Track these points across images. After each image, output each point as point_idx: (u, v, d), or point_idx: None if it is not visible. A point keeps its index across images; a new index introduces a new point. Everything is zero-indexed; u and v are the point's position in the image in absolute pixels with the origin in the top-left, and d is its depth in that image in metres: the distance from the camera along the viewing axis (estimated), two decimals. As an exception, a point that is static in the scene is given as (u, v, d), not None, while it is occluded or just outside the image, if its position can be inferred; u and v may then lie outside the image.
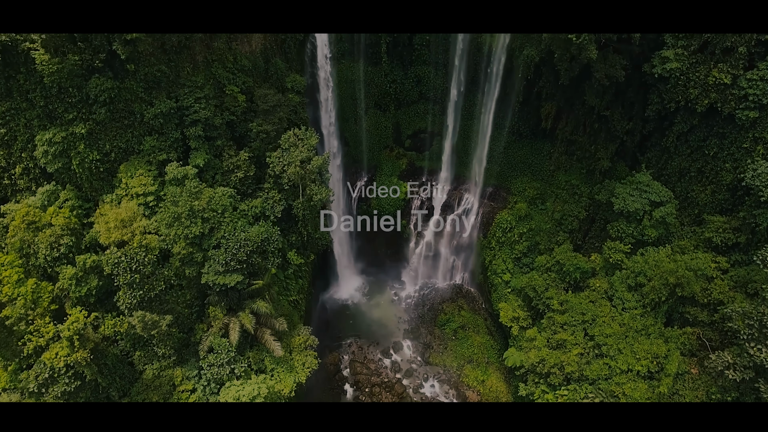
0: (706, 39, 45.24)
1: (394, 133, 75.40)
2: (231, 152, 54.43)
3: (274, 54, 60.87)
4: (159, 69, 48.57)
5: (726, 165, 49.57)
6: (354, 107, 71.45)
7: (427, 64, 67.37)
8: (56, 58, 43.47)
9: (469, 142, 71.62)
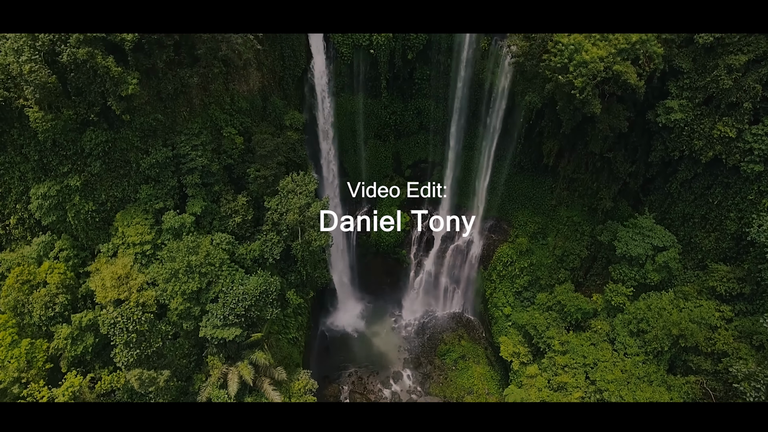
0: (711, 93, 44.46)
1: (394, 163, 74.63)
2: (229, 197, 53.74)
3: (272, 91, 60.02)
4: (155, 118, 47.79)
5: (730, 214, 48.89)
6: (353, 138, 70.65)
7: (427, 98, 66.49)
8: (50, 114, 42.67)
9: (470, 173, 70.85)
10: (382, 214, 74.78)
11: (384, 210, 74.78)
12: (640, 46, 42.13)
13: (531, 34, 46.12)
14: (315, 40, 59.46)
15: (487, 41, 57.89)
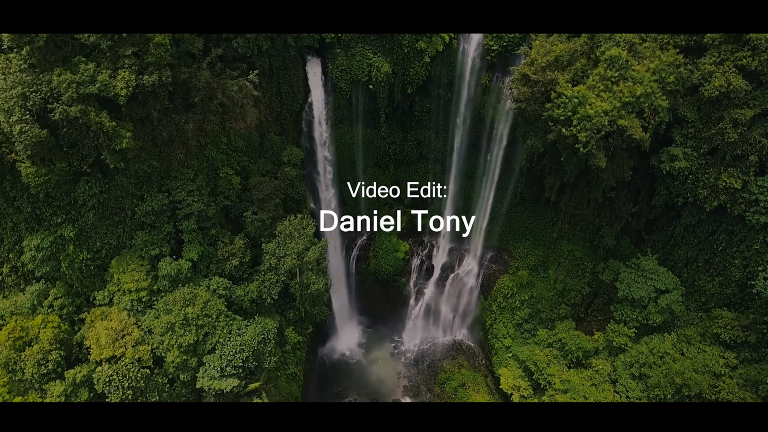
0: (716, 145, 43.66)
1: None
2: (226, 239, 52.95)
3: (270, 127, 59.12)
4: (150, 164, 46.96)
5: (735, 261, 48.22)
6: (352, 168, 69.75)
7: (427, 129, 65.59)
8: (43, 169, 41.75)
9: (471, 202, 70.06)
10: (381, 242, 74.02)
11: (384, 237, 73.96)
12: (645, 99, 41.27)
13: (532, 79, 45.16)
14: (313, 75, 58.45)
15: (488, 77, 56.97)
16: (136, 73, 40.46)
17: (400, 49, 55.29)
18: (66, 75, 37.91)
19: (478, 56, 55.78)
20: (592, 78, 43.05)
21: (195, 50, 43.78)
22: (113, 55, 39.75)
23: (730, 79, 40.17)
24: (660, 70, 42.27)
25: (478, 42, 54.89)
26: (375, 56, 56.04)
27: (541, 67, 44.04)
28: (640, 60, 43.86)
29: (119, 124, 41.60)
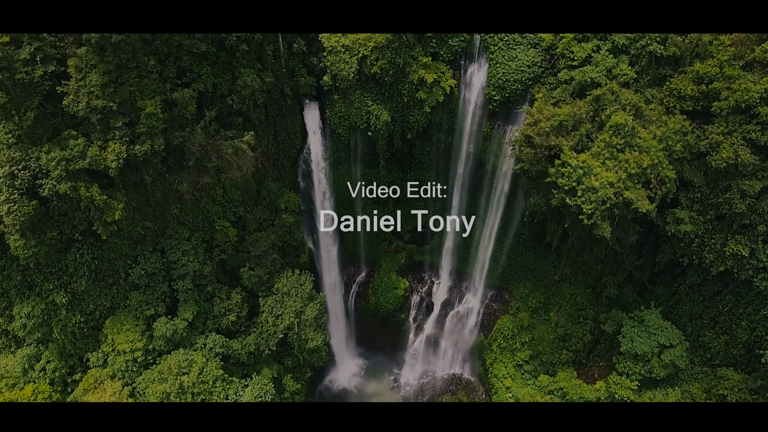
0: (723, 212, 42.59)
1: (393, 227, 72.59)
2: (222, 295, 52.01)
3: (267, 173, 58.02)
4: (143, 226, 45.96)
5: (742, 323, 47.35)
6: (351, 207, 68.57)
7: (427, 170, 64.40)
8: (32, 240, 40.71)
9: (471, 240, 69.03)
10: (381, 279, 73.14)
11: (383, 274, 73.08)
12: (651, 170, 40.16)
13: (535, 142, 44.01)
14: (310, 120, 57.23)
15: (490, 125, 55.79)
16: (127, 143, 39.36)
17: (399, 98, 54.03)
18: (55, 152, 36.79)
19: (479, 104, 54.52)
20: (597, 144, 41.90)
21: (188, 114, 42.54)
22: (104, 126, 38.58)
23: (739, 151, 39.06)
24: (666, 137, 41.16)
25: (479, 90, 53.61)
26: (374, 104, 54.78)
27: (545, 131, 42.86)
28: (645, 124, 42.74)
29: (111, 194, 40.55)
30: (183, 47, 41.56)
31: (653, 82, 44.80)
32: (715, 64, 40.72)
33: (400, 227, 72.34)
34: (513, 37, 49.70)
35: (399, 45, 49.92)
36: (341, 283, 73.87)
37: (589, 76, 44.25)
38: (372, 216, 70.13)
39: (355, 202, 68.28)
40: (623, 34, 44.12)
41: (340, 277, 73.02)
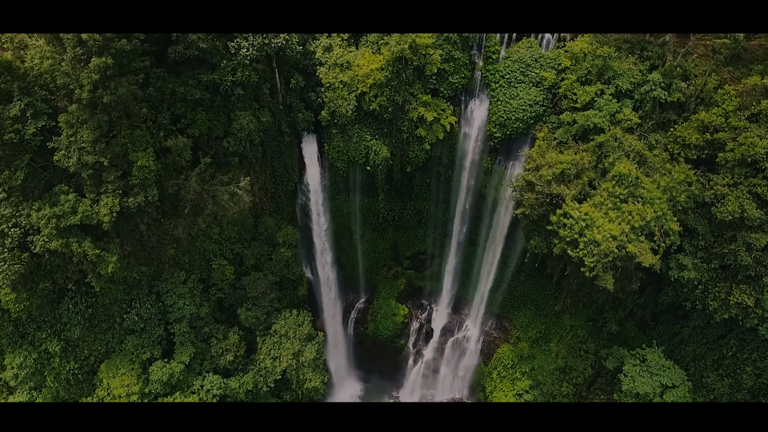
0: (727, 263, 41.83)
1: (392, 252, 71.94)
2: (219, 335, 51.38)
3: (264, 206, 57.20)
4: (139, 271, 45.20)
5: (747, 368, 46.72)
6: (349, 235, 67.87)
7: (427, 200, 63.55)
8: (24, 293, 40.00)
9: (471, 267, 68.35)
10: (380, 306, 72.47)
11: (382, 301, 72.38)
12: (655, 223, 39.38)
13: (537, 188, 43.21)
14: (308, 152, 56.35)
15: (491, 161, 54.94)
16: (120, 196, 38.53)
17: (398, 134, 53.10)
18: (45, 209, 36.01)
19: (480, 140, 53.66)
20: (600, 193, 41.11)
21: (183, 161, 41.71)
22: (96, 180, 37.77)
23: (744, 205, 38.25)
24: (671, 188, 40.37)
25: (480, 126, 52.74)
26: (373, 139, 53.87)
27: (547, 180, 42.05)
28: (649, 172, 41.95)
29: (104, 246, 39.79)
30: (177, 94, 40.72)
31: (657, 126, 43.95)
32: (720, 113, 39.86)
33: (400, 253, 71.82)
34: (515, 75, 48.75)
35: (398, 83, 48.98)
36: (340, 308, 73.24)
37: (592, 121, 43.39)
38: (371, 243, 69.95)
39: (353, 232, 67.66)
40: (627, 79, 43.24)
41: (339, 303, 72.39)
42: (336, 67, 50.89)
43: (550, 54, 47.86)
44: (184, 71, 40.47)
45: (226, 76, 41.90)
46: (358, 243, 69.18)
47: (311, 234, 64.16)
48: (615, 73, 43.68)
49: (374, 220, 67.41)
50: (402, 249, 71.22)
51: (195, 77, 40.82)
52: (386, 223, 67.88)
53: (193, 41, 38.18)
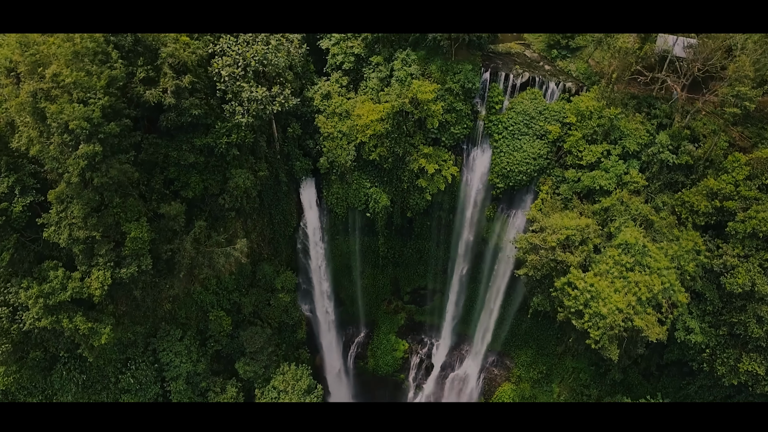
0: (737, 332, 40.80)
1: (392, 287, 70.96)
2: (217, 389, 50.51)
3: (262, 252, 56.12)
4: (134, 331, 44.24)
5: (754, 430, 45.66)
6: (349, 272, 66.82)
7: (428, 241, 62.47)
8: (13, 366, 39.04)
9: (473, 304, 67.39)
10: (380, 341, 71.64)
11: (382, 336, 71.53)
12: (663, 295, 38.31)
13: (540, 253, 42.08)
14: (307, 196, 55.18)
15: (493, 208, 53.79)
16: (112, 268, 37.41)
17: (399, 184, 51.93)
18: (33, 288, 34.94)
19: (482, 188, 52.46)
20: (606, 260, 40.00)
21: (177, 226, 40.59)
22: (87, 254, 36.70)
23: (756, 280, 37.24)
24: (679, 256, 39.28)
25: (482, 174, 51.53)
26: (372, 186, 52.70)
27: (551, 246, 40.91)
28: (656, 236, 40.83)
29: (96, 317, 38.77)
30: (170, 158, 39.53)
31: (664, 187, 42.75)
32: (730, 180, 38.66)
33: (400, 288, 70.87)
34: (518, 127, 47.49)
35: (399, 135, 47.75)
36: (340, 344, 72.35)
37: (598, 183, 42.22)
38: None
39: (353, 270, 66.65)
40: (634, 140, 42.00)
41: (339, 338, 71.47)
42: (335, 116, 49.62)
43: (555, 106, 46.56)
44: (178, 135, 39.24)
45: (220, 138, 40.72)
46: (357, 279, 68.16)
47: (310, 272, 63.17)
48: (622, 133, 42.43)
49: (374, 258, 66.37)
50: (402, 284, 70.23)
51: (189, 141, 39.61)
52: (386, 260, 66.89)
53: (186, 108, 36.93)
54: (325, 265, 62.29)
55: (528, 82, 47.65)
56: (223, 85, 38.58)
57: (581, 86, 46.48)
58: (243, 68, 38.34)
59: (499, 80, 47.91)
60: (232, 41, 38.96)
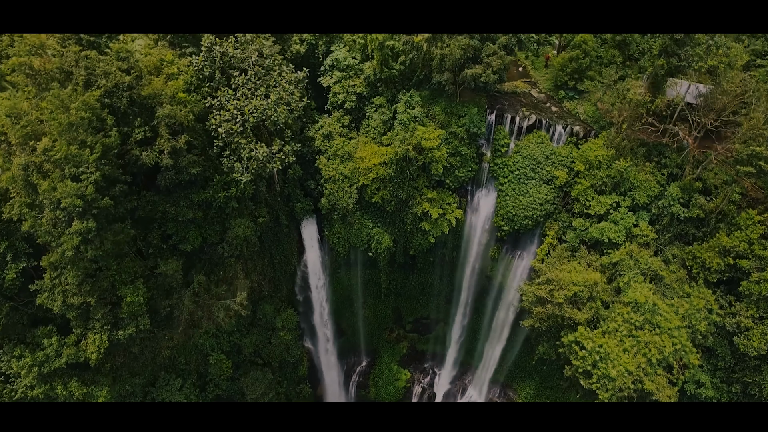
0: (750, 392, 39.83)
1: (394, 315, 70.09)
2: (216, 435, 49.50)
3: (262, 290, 55.09)
4: (131, 383, 43.29)
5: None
6: (350, 303, 66.00)
7: (431, 275, 61.53)
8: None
9: (477, 335, 66.46)
10: (382, 371, 70.79)
11: (384, 366, 70.68)
12: (674, 356, 37.33)
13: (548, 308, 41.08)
14: (308, 234, 54.15)
15: (497, 249, 52.72)
16: (108, 330, 36.44)
17: (402, 226, 50.85)
18: (27, 358, 33.96)
19: (486, 228, 51.38)
20: (615, 318, 39.00)
21: (175, 283, 39.55)
22: (83, 317, 35.72)
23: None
24: (690, 315, 38.25)
25: (486, 215, 50.43)
26: (375, 227, 51.64)
27: (558, 303, 39.90)
28: (666, 292, 39.78)
29: (92, 378, 37.85)
30: (168, 215, 38.40)
31: (674, 238, 41.67)
32: (744, 238, 37.56)
33: (402, 317, 69.99)
34: (525, 172, 46.35)
35: (402, 179, 46.63)
36: (341, 373, 71.58)
37: (607, 236, 41.10)
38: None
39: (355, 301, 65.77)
40: (644, 192, 40.86)
41: (340, 367, 70.68)
42: (336, 158, 48.49)
43: (562, 150, 45.38)
44: (175, 191, 38.11)
45: (219, 192, 39.62)
46: (359, 310, 67.32)
47: (311, 305, 62.27)
48: (632, 184, 41.28)
49: (376, 290, 65.47)
50: (404, 313, 69.41)
51: (186, 197, 38.47)
52: (388, 291, 65.97)
53: (184, 167, 35.77)
54: (326, 298, 61.38)
55: (535, 124, 46.47)
56: (221, 142, 37.39)
57: (589, 130, 45.27)
58: (241, 124, 37.13)
59: (505, 122, 46.72)
60: (230, 95, 37.72)
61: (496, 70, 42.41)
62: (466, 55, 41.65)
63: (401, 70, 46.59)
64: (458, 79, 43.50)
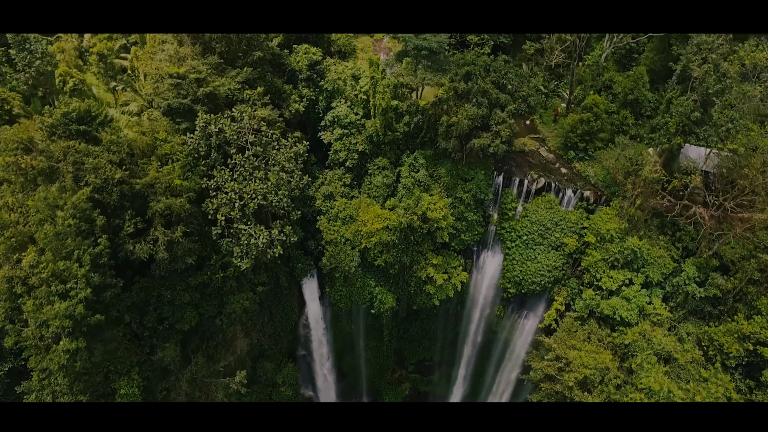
0: None
1: (396, 357, 68.82)
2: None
3: (263, 344, 53.81)
4: None
5: None
6: (352, 347, 64.69)
7: (434, 323, 60.21)
8: None
9: (482, 380, 65.23)
10: (383, 412, 69.41)
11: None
12: None
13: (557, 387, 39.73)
14: (309, 291, 52.70)
15: (502, 308, 51.32)
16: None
17: (406, 287, 49.38)
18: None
19: (492, 288, 49.95)
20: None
21: (173, 366, 38.10)
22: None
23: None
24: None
25: (492, 276, 49.00)
26: (378, 286, 50.14)
27: (569, 386, 38.52)
28: (681, 373, 38.40)
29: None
30: (163, 299, 36.85)
31: (689, 315, 40.24)
32: (765, 325, 36.10)
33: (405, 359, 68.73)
34: (533, 237, 44.79)
35: (406, 245, 45.07)
36: (342, 415, 70.37)
37: (619, 314, 39.63)
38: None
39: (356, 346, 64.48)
40: (658, 270, 39.34)
41: (341, 405, 69.56)
42: (338, 220, 46.85)
43: (572, 216, 43.79)
44: (171, 277, 36.50)
45: (216, 273, 38.04)
46: (361, 353, 66.05)
47: (311, 355, 61.07)
48: (645, 261, 39.72)
49: (378, 335, 64.10)
50: (407, 355, 68.09)
51: (183, 281, 36.89)
52: (390, 336, 64.66)
53: (180, 257, 34.16)
54: (327, 348, 60.16)
55: (544, 187, 44.84)
56: (219, 228, 35.70)
57: (600, 195, 43.67)
58: (240, 209, 35.43)
59: (512, 185, 45.08)
60: (227, 176, 35.99)
61: (505, 139, 40.69)
62: (474, 125, 39.95)
63: (405, 132, 44.86)
64: (465, 147, 41.80)
